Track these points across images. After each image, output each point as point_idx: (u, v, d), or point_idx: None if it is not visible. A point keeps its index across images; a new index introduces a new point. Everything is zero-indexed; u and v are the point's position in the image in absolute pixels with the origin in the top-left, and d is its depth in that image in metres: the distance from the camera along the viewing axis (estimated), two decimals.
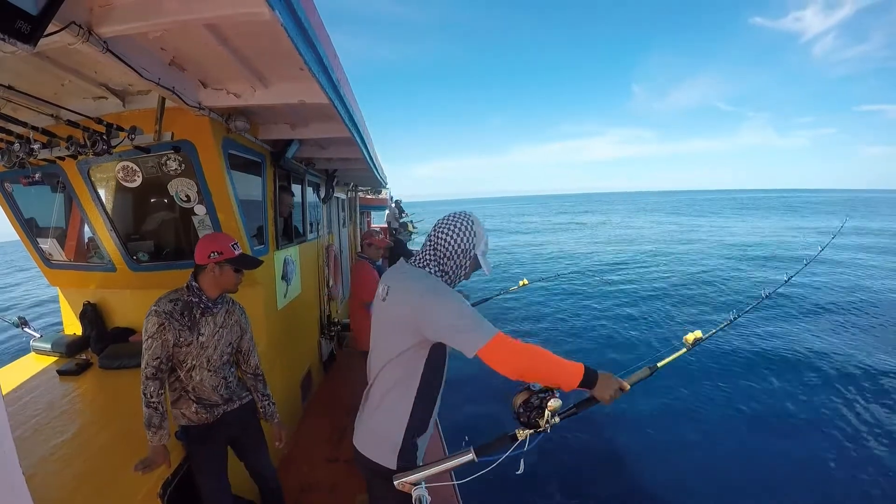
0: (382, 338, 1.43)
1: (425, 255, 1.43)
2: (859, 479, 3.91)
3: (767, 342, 6.95)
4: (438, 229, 1.43)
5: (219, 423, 1.88)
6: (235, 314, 1.97)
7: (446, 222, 1.43)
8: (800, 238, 18.48)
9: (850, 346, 6.87)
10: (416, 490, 1.37)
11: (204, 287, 1.80)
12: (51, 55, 1.53)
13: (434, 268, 1.41)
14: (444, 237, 1.41)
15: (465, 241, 1.41)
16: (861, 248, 15.11)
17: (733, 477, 3.97)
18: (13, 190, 2.72)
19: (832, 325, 7.64)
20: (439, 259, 1.41)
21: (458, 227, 1.41)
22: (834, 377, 5.87)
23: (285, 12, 1.18)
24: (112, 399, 2.30)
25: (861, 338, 7.30)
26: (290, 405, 3.27)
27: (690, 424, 4.79)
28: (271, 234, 3.00)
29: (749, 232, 22.65)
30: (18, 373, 2.62)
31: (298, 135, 2.82)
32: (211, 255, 1.74)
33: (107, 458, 1.77)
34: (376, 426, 1.43)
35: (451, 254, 1.41)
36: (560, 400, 1.33)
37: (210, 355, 1.83)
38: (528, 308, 9.64)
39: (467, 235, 1.41)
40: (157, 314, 1.67)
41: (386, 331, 1.41)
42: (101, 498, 1.56)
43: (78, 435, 1.93)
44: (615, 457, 4.28)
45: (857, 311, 8.38)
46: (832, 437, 4.56)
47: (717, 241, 19.43)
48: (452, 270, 1.43)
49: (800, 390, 5.51)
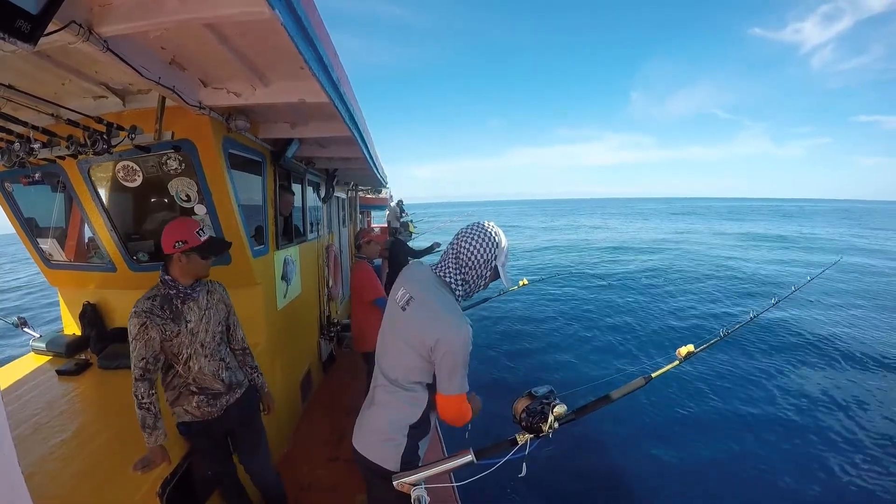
0: (397, 346, 1.42)
1: (447, 264, 1.43)
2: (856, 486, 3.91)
3: (768, 352, 6.98)
4: (462, 238, 1.43)
5: (221, 420, 1.88)
6: (217, 292, 1.96)
7: (471, 232, 1.42)
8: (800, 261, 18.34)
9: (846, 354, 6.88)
10: (415, 490, 1.36)
11: (176, 276, 1.77)
12: (51, 54, 1.53)
13: (454, 276, 1.42)
14: (468, 246, 1.40)
15: (488, 251, 1.40)
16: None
17: (730, 485, 3.98)
18: (13, 189, 2.72)
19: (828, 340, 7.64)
20: (461, 268, 1.41)
21: (482, 237, 1.41)
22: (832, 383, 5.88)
23: (285, 11, 1.18)
24: (111, 399, 2.30)
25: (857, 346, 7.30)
26: (290, 405, 3.27)
27: (687, 433, 4.80)
28: (271, 233, 3.00)
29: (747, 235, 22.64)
30: (18, 373, 2.62)
31: (298, 134, 2.82)
32: (176, 245, 1.71)
33: (106, 458, 1.77)
34: (381, 428, 1.43)
35: (473, 264, 1.40)
36: (565, 405, 1.35)
37: (203, 339, 1.82)
38: (526, 309, 9.63)
39: (490, 246, 1.40)
40: (136, 315, 1.66)
41: (402, 341, 1.40)
42: (100, 497, 1.56)
43: (77, 434, 1.93)
44: (614, 463, 4.28)
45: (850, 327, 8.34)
46: (830, 444, 4.56)
47: (715, 248, 19.42)
48: (473, 280, 1.43)
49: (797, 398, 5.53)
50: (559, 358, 6.91)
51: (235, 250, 2.56)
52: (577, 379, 6.04)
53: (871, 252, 18.12)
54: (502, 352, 7.15)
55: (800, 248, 19.64)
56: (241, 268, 2.63)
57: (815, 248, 19.42)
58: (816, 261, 15.27)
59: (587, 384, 2.01)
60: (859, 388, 5.75)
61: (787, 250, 18.57)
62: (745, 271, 13.59)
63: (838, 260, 2.90)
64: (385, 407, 1.44)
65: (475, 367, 6.48)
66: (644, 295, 10.72)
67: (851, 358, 6.70)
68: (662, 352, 6.91)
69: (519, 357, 6.97)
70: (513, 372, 6.39)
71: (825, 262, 2.67)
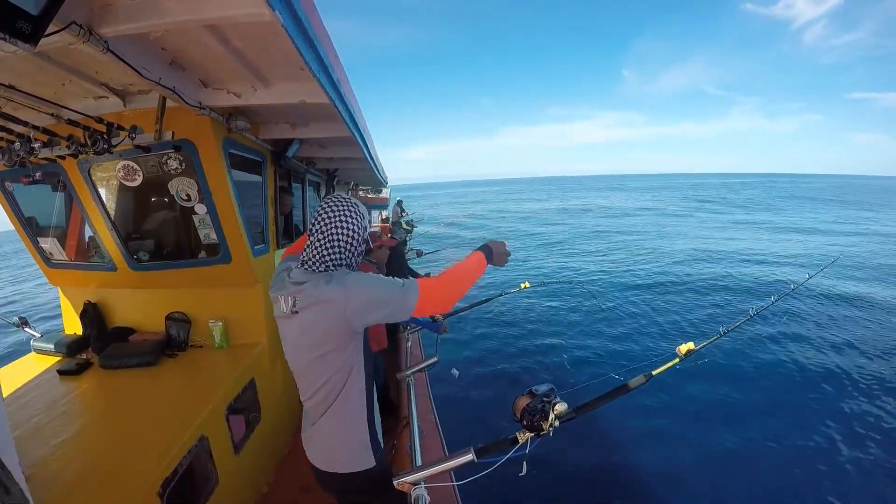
0: (308, 351, 1.28)
1: (321, 255, 1.26)
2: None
3: (767, 351, 6.99)
4: (327, 222, 1.26)
5: None
6: None
7: (335, 212, 1.27)
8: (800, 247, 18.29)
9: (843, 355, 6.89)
10: (415, 490, 1.37)
11: None
12: (52, 55, 1.53)
13: (334, 263, 1.27)
14: (340, 228, 1.26)
15: (360, 224, 1.30)
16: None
17: (732, 483, 3.98)
18: (14, 189, 2.72)
19: (824, 340, 7.64)
20: (340, 252, 1.27)
21: (350, 212, 1.28)
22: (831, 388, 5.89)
23: (286, 13, 1.18)
24: (112, 399, 2.30)
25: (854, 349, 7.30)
26: (291, 405, 3.28)
27: (688, 431, 4.80)
28: (272, 233, 3.00)
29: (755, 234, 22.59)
30: (19, 372, 2.62)
31: (299, 134, 2.82)
32: None
33: (107, 458, 1.77)
34: (340, 436, 1.33)
35: (350, 241, 1.28)
36: (566, 403, 1.35)
37: None
38: (529, 312, 9.62)
39: (359, 218, 1.30)
40: None
41: (310, 343, 1.26)
42: (100, 497, 1.56)
43: (78, 435, 1.93)
44: (616, 461, 4.29)
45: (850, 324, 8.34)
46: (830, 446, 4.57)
47: (722, 241, 19.37)
48: (354, 259, 1.32)
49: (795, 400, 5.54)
50: (560, 356, 6.92)
51: (236, 249, 2.56)
52: (578, 377, 6.05)
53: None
54: (503, 350, 7.16)
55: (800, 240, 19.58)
56: (242, 267, 2.63)
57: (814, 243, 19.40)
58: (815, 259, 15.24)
59: (588, 382, 2.01)
60: (864, 379, 5.75)
61: (790, 242, 18.47)
62: (747, 267, 13.57)
63: (837, 258, 2.91)
64: (334, 414, 1.31)
65: (476, 367, 6.55)
66: (643, 293, 10.72)
67: (855, 350, 6.70)
68: (663, 349, 6.91)
69: (519, 356, 6.97)
70: (513, 370, 6.40)
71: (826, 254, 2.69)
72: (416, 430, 2.29)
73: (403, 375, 2.80)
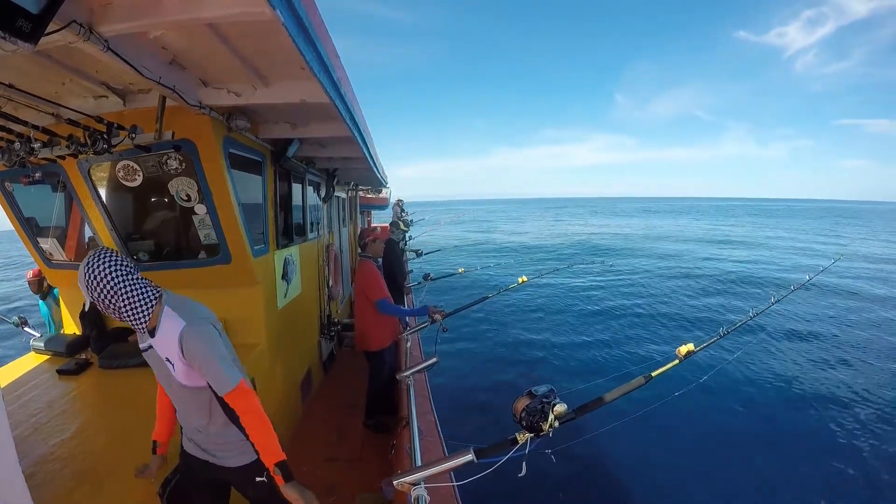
0: (176, 394, 1.49)
1: (117, 316, 1.31)
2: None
3: (766, 355, 6.99)
4: (86, 292, 1.25)
5: None
6: None
7: (93, 275, 1.24)
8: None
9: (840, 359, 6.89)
10: (415, 490, 1.36)
11: None
12: (52, 54, 1.53)
13: (124, 316, 1.31)
14: (101, 291, 1.24)
15: (121, 274, 1.29)
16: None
17: (732, 483, 3.98)
18: (13, 189, 2.72)
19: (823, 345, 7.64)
20: (115, 306, 1.28)
21: (92, 275, 1.24)
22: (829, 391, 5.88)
23: (286, 12, 1.18)
24: (111, 398, 2.30)
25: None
26: (290, 405, 3.27)
27: (687, 432, 4.81)
28: (272, 233, 3.00)
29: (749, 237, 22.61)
30: (18, 372, 2.61)
31: (299, 134, 2.82)
32: None
33: (106, 458, 1.76)
34: (223, 440, 1.48)
35: (111, 294, 1.26)
36: (565, 404, 1.35)
37: None
38: (527, 305, 9.62)
39: (117, 270, 1.29)
40: None
41: (173, 385, 1.45)
42: (100, 497, 1.55)
43: (77, 434, 1.92)
44: (615, 462, 4.28)
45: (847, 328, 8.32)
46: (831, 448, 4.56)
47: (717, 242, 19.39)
48: (133, 299, 1.31)
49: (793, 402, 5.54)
50: (559, 357, 6.92)
51: (236, 250, 2.55)
52: (578, 378, 6.05)
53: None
54: (502, 351, 7.16)
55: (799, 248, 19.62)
56: (242, 267, 2.63)
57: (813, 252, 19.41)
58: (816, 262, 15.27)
59: (587, 383, 2.01)
60: (865, 381, 5.75)
61: (787, 251, 18.55)
62: (744, 271, 13.59)
63: (836, 261, 2.91)
64: (207, 423, 1.47)
65: (476, 366, 6.54)
66: (643, 295, 10.72)
67: (853, 352, 6.70)
68: (662, 351, 6.91)
69: (519, 356, 6.97)
70: (513, 371, 6.39)
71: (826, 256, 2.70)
72: (415, 431, 2.28)
73: (403, 376, 2.79)
